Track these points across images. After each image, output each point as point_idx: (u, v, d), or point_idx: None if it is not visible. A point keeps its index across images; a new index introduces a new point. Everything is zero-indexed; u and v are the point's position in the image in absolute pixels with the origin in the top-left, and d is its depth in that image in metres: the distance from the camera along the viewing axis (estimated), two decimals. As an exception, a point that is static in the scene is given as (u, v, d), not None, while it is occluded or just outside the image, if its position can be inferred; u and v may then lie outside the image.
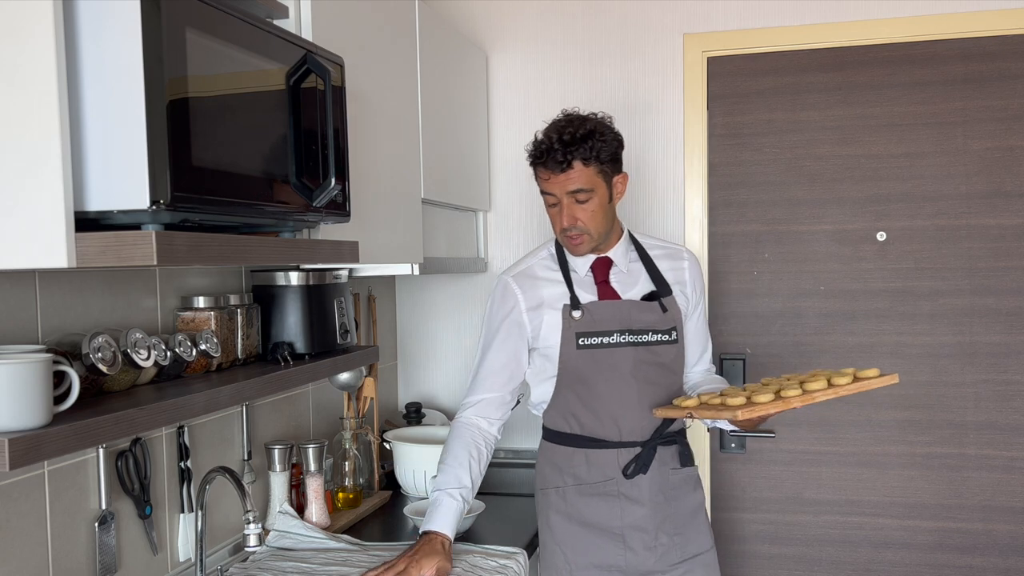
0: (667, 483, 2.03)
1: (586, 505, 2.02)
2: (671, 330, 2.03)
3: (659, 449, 2.02)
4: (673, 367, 2.05)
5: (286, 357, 1.91)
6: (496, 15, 2.98)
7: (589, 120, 1.94)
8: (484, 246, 3.03)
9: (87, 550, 1.64)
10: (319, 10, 1.75)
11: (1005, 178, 2.66)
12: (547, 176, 1.93)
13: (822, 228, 2.78)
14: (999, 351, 2.69)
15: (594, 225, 1.95)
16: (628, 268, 2.06)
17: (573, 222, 1.93)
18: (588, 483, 2.02)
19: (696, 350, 2.16)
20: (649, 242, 2.13)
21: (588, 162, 1.90)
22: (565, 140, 1.88)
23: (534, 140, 1.96)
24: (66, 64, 1.13)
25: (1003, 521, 2.71)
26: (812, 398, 1.80)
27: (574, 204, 1.93)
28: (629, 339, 1.99)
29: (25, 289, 1.48)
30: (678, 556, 2.04)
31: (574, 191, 1.91)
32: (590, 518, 2.02)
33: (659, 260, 2.09)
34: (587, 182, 1.91)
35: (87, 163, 1.15)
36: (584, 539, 2.02)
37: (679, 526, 2.05)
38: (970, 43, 2.67)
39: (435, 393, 3.11)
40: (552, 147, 1.90)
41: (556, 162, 1.89)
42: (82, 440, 1.25)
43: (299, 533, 2.11)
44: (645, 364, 2.00)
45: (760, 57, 2.80)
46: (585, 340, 1.98)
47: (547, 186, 1.94)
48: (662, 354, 2.02)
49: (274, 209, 1.43)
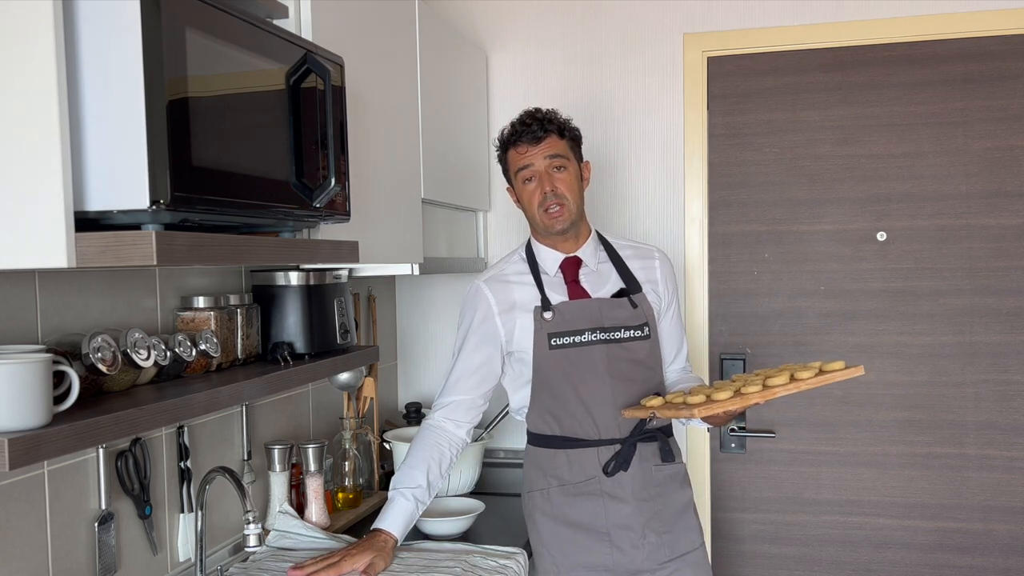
0: (651, 480, 2.04)
1: (571, 505, 2.03)
2: (642, 326, 2.05)
3: (639, 446, 2.03)
4: (648, 363, 2.07)
5: (286, 357, 1.91)
6: (496, 15, 2.98)
7: (552, 109, 2.07)
8: (484, 246, 3.03)
9: (87, 550, 1.64)
10: (319, 10, 1.75)
11: (1005, 178, 2.66)
12: (524, 150, 2.02)
13: (822, 228, 2.78)
14: (999, 351, 2.69)
15: (571, 195, 2.02)
16: (598, 267, 2.09)
17: (553, 188, 2.00)
18: (571, 483, 2.03)
19: (671, 348, 2.18)
20: (618, 242, 2.17)
21: (561, 135, 2.03)
22: (539, 117, 2.02)
23: (501, 132, 2.08)
24: (66, 64, 1.13)
25: (1003, 521, 2.71)
26: (772, 393, 1.81)
27: (553, 173, 2.01)
28: (601, 337, 2.01)
29: (25, 289, 1.48)
30: (667, 554, 2.03)
31: (552, 156, 2.00)
32: (575, 518, 2.03)
33: (629, 259, 2.12)
34: (563, 150, 2.02)
35: (87, 163, 1.15)
36: (570, 540, 2.03)
37: (667, 523, 2.05)
38: (970, 43, 2.67)
39: (435, 393, 3.07)
40: (527, 124, 2.01)
41: (533, 134, 2.00)
42: (82, 440, 1.25)
43: (299, 533, 2.11)
44: (619, 361, 2.02)
45: (760, 57, 2.80)
46: (557, 340, 2.00)
47: (524, 159, 2.02)
48: (635, 350, 2.04)
49: (274, 209, 1.43)
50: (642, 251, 2.16)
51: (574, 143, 2.06)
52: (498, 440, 3.02)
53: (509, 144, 2.04)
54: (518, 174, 2.03)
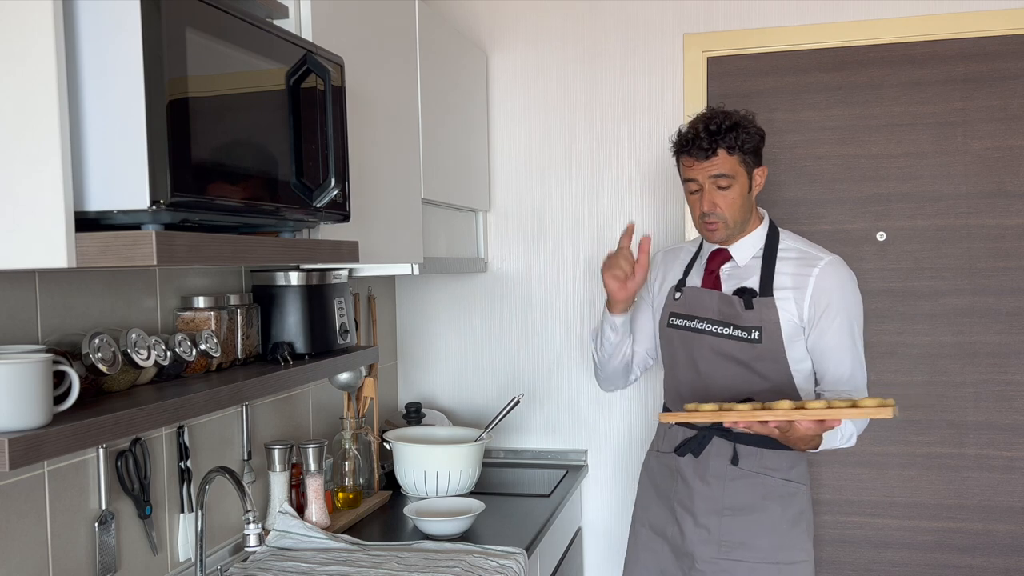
0: (723, 475, 2.08)
1: (657, 469, 2.24)
2: (752, 328, 2.03)
3: (717, 440, 2.09)
4: (755, 367, 2.04)
5: (286, 357, 1.91)
6: (496, 15, 2.98)
7: (733, 114, 2.03)
8: (484, 246, 3.03)
9: (87, 550, 1.64)
10: (319, 10, 1.75)
11: (1005, 178, 2.66)
12: (691, 163, 2.04)
13: (822, 228, 2.78)
14: (999, 351, 2.69)
15: (731, 213, 2.04)
16: (746, 264, 2.10)
17: (712, 208, 2.03)
18: (661, 451, 2.23)
19: (825, 364, 2.05)
20: (789, 243, 2.12)
21: (732, 151, 2.01)
22: (711, 130, 2.00)
23: (678, 132, 2.08)
24: (66, 64, 1.13)
25: (1003, 521, 2.71)
26: (786, 415, 1.79)
27: (715, 190, 2.03)
28: (709, 328, 2.09)
29: (25, 289, 1.48)
30: (717, 552, 2.07)
31: (716, 176, 2.01)
32: (657, 480, 2.24)
33: (785, 263, 2.07)
34: (729, 169, 2.01)
35: (87, 163, 1.15)
36: (649, 497, 2.26)
37: (728, 523, 2.07)
38: (970, 43, 2.67)
39: (435, 393, 3.11)
40: (698, 136, 2.01)
41: (701, 150, 2.00)
42: (82, 440, 1.25)
43: (299, 533, 2.11)
44: (718, 355, 2.08)
45: (760, 57, 2.80)
46: (674, 320, 2.16)
47: (690, 172, 2.05)
48: (739, 351, 2.04)
49: (274, 209, 1.43)
50: (808, 258, 2.07)
51: (747, 155, 2.02)
52: (498, 440, 3.03)
53: (680, 150, 2.07)
54: (685, 183, 2.08)
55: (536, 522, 2.33)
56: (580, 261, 2.97)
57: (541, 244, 3.00)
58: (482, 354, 3.06)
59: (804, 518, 2.09)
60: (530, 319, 3.02)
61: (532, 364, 3.02)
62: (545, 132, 2.97)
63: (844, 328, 2.03)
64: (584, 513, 2.97)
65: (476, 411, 3.06)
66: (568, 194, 2.97)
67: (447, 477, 2.44)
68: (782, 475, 2.07)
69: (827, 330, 2.02)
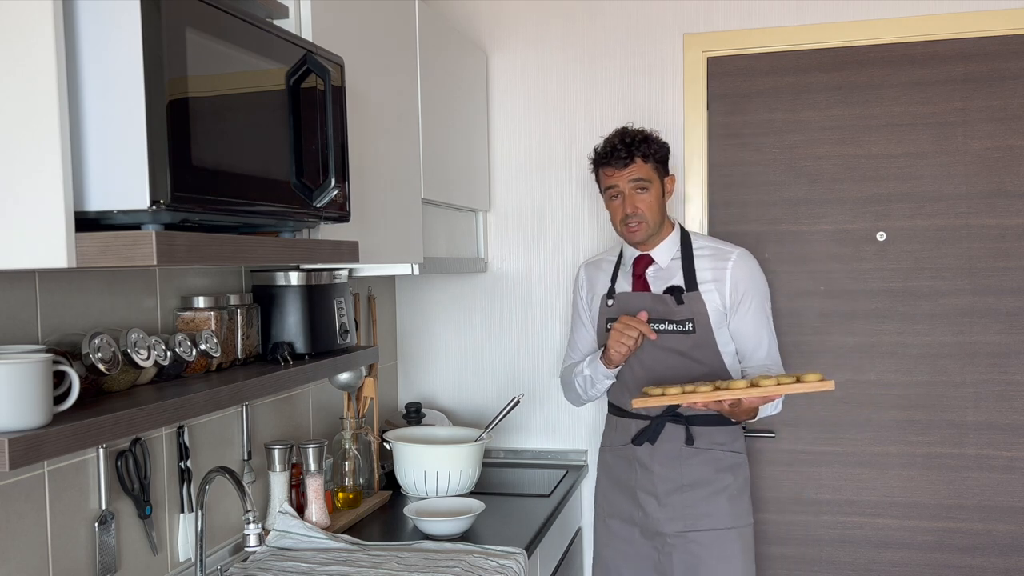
0: (678, 456, 2.30)
1: (614, 463, 2.42)
2: (686, 321, 2.27)
3: (669, 426, 2.30)
4: (692, 355, 2.28)
5: (286, 357, 1.91)
6: (496, 15, 2.98)
7: (643, 130, 2.31)
8: (484, 246, 3.03)
9: (87, 550, 1.64)
10: (319, 10, 1.75)
11: (1005, 178, 2.66)
12: (611, 173, 2.28)
13: (822, 228, 2.78)
14: (999, 351, 2.69)
15: (651, 214, 2.27)
16: (667, 265, 2.33)
17: (635, 210, 2.26)
18: (615, 445, 2.42)
19: (747, 344, 2.33)
20: (702, 243, 2.37)
21: (647, 159, 2.26)
22: (627, 142, 2.26)
23: (595, 149, 2.32)
24: (66, 64, 1.13)
25: (1003, 521, 2.71)
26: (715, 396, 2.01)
27: (635, 194, 2.26)
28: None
29: (25, 289, 1.48)
30: (684, 526, 2.30)
31: (636, 180, 2.25)
32: (615, 474, 2.42)
33: (701, 259, 2.33)
34: (646, 174, 2.26)
35: (87, 163, 1.15)
36: (610, 491, 2.43)
37: (689, 499, 2.30)
38: (970, 43, 2.67)
39: (435, 393, 3.11)
40: (615, 148, 2.26)
41: (620, 159, 2.25)
42: (82, 440, 1.25)
43: (299, 533, 2.11)
44: (657, 349, 2.28)
45: (760, 57, 2.80)
46: (611, 324, 2.28)
47: (611, 180, 2.28)
48: (676, 342, 2.28)
49: (274, 209, 1.43)
50: (720, 253, 2.34)
51: (659, 163, 2.29)
52: (498, 440, 3.03)
53: (600, 163, 2.31)
54: (606, 191, 2.32)
55: (536, 522, 2.33)
56: (580, 261, 2.96)
57: (541, 244, 3.00)
58: (482, 354, 3.06)
59: (748, 484, 2.39)
60: (530, 319, 3.02)
61: (532, 364, 3.02)
62: (545, 132, 2.97)
63: (759, 310, 2.33)
64: (584, 513, 2.97)
65: (476, 411, 3.06)
66: (568, 194, 2.97)
67: (447, 477, 2.44)
68: (729, 447, 2.34)
69: (746, 314, 2.30)
